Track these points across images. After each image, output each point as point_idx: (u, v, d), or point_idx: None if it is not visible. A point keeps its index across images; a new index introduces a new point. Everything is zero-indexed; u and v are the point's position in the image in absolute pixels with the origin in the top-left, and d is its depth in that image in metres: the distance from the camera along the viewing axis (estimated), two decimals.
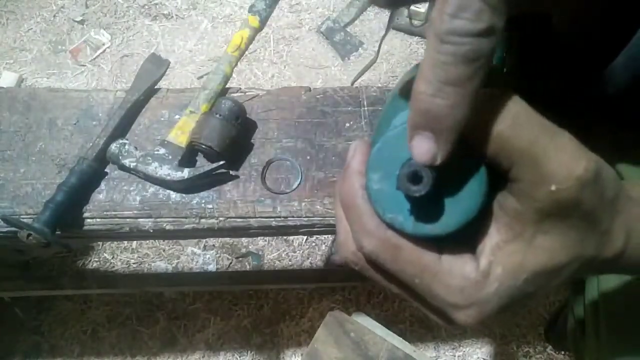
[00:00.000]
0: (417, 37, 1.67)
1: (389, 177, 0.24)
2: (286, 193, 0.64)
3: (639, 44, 0.40)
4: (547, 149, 0.22)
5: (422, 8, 1.60)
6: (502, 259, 0.25)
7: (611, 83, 0.46)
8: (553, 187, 0.23)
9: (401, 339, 0.71)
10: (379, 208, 0.25)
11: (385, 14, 1.71)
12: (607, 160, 0.25)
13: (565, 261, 0.25)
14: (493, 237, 0.25)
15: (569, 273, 0.26)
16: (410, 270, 0.26)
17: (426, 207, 0.24)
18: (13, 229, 0.59)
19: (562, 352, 1.26)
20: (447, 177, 0.23)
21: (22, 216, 0.62)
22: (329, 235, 1.35)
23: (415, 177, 0.22)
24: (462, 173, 0.23)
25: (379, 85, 0.93)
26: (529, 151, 0.22)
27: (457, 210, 0.24)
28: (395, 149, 0.24)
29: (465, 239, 0.26)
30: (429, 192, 0.22)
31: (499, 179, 0.24)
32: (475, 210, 0.24)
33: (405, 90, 0.28)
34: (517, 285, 0.25)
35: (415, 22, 1.63)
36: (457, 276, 0.25)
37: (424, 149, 0.22)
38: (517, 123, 0.23)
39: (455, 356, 1.28)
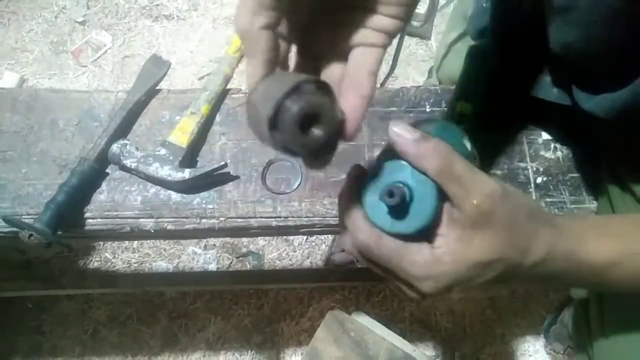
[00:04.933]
0: (416, 38, 1.67)
1: (378, 195, 0.35)
2: (286, 193, 0.65)
3: None
4: (470, 179, 0.34)
5: (421, 9, 1.61)
6: (450, 250, 0.35)
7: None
8: (475, 202, 0.34)
9: (401, 338, 0.72)
10: (369, 214, 0.37)
11: None
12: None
13: (495, 257, 0.35)
14: (444, 235, 0.36)
15: (500, 269, 0.36)
16: (387, 253, 0.36)
17: (399, 214, 0.36)
18: (14, 229, 0.59)
19: (562, 352, 1.26)
20: (413, 196, 0.35)
21: (23, 216, 0.62)
22: (329, 235, 1.35)
23: (391, 194, 0.34)
24: (422, 194, 0.36)
25: (378, 85, 0.93)
26: (459, 180, 0.34)
27: (419, 216, 0.35)
28: (383, 180, 0.37)
29: (425, 238, 0.37)
30: (399, 203, 0.34)
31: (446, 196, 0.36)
32: (431, 217, 0.35)
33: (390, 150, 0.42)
34: (460, 270, 0.35)
35: (415, 23, 1.63)
36: (418, 255, 0.36)
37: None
38: (451, 163, 0.34)
39: (454, 356, 1.28)
